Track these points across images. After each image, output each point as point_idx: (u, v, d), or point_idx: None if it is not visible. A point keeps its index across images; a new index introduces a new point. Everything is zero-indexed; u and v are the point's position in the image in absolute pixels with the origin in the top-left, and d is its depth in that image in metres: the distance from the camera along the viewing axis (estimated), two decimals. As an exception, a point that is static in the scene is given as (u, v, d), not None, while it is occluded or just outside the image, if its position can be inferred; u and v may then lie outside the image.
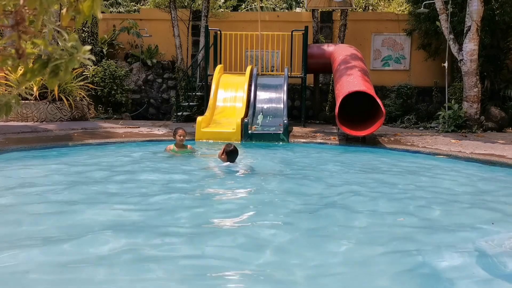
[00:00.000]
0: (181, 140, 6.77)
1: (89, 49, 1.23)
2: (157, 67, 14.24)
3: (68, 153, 6.97)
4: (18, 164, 5.96)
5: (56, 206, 4.00)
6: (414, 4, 13.05)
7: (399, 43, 14.20)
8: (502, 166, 6.46)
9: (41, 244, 3.06)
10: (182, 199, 4.36)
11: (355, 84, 8.74)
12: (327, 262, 2.94)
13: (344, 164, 6.61)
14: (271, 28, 13.08)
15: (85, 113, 11.43)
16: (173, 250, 3.05)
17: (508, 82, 12.33)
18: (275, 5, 19.28)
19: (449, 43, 10.77)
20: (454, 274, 2.75)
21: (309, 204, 4.31)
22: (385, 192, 4.81)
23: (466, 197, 4.73)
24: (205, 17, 13.18)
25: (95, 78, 12.65)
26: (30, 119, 10.33)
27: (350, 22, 13.53)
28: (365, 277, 2.73)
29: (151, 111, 14.14)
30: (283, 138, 8.59)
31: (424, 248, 3.14)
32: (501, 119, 11.11)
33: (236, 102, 9.95)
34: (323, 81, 13.96)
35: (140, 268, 2.73)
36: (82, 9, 1.18)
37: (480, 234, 3.44)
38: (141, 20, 14.37)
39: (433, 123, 11.59)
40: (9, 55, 1.17)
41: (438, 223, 3.75)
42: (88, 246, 3.02)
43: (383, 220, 3.83)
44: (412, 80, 13.62)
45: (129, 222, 3.61)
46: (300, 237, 3.38)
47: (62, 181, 5.04)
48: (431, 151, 7.55)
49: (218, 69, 10.60)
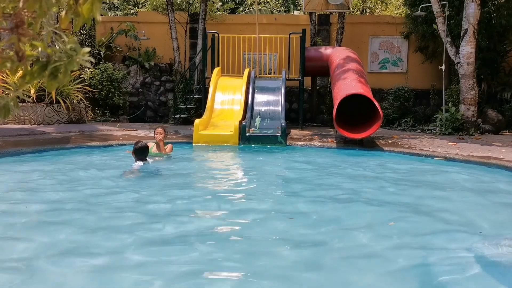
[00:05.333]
0: (159, 139, 6.60)
1: (88, 51, 1.23)
2: (155, 70, 14.23)
3: (65, 155, 6.95)
4: (15, 166, 5.94)
5: (53, 208, 3.99)
6: (411, 7, 13.10)
7: (396, 46, 14.24)
8: (499, 168, 6.48)
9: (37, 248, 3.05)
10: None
11: (352, 87, 8.76)
12: (319, 264, 2.93)
13: (341, 167, 6.62)
14: (268, 31, 13.11)
15: (83, 115, 11.41)
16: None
17: (505, 85, 12.38)
18: (273, 8, 19.33)
19: (446, 46, 10.81)
20: (449, 277, 2.75)
21: (306, 205, 4.31)
22: (380, 195, 4.81)
23: (463, 199, 4.73)
24: (202, 19, 13.20)
25: (92, 80, 12.63)
26: (27, 121, 10.31)
27: (347, 25, 13.58)
28: (357, 281, 2.73)
29: (149, 114, 14.13)
30: (281, 141, 8.59)
31: (418, 251, 3.14)
32: (498, 122, 11.14)
33: (234, 104, 9.94)
34: (321, 83, 13.98)
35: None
36: (82, 12, 1.18)
37: (476, 236, 3.44)
38: (138, 22, 14.38)
39: (430, 126, 11.61)
40: (8, 58, 1.17)
41: (433, 226, 3.75)
42: (78, 251, 3.01)
43: (374, 222, 3.81)
44: (410, 83, 13.65)
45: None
46: (291, 238, 3.38)
47: (56, 183, 5.03)
48: (428, 154, 7.56)
49: (215, 71, 10.61)
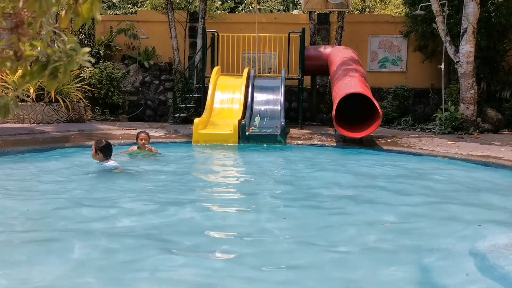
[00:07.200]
0: (143, 144, 6.64)
1: (88, 51, 1.23)
2: (154, 69, 14.22)
3: (65, 155, 6.94)
4: (14, 165, 5.94)
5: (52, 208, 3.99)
6: (410, 6, 13.09)
7: (395, 45, 14.24)
8: (499, 167, 6.49)
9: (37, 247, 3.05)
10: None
11: (352, 86, 8.76)
12: (316, 264, 2.94)
13: (341, 166, 6.62)
14: (268, 30, 13.10)
15: (82, 115, 11.40)
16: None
17: (505, 84, 12.38)
18: (272, 7, 19.32)
19: (446, 45, 10.81)
20: (447, 275, 2.75)
21: (304, 205, 4.31)
22: (379, 194, 4.81)
23: (462, 198, 4.73)
24: (202, 19, 13.18)
25: (92, 80, 12.62)
26: (26, 121, 10.30)
27: (347, 24, 13.56)
28: (355, 280, 2.73)
29: (148, 113, 14.13)
30: (280, 140, 8.59)
31: (415, 250, 3.14)
32: (497, 121, 11.15)
33: (233, 104, 9.94)
34: (320, 83, 13.97)
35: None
36: (81, 11, 1.18)
37: (475, 234, 3.45)
38: (138, 22, 14.36)
39: (429, 125, 11.61)
40: (8, 57, 1.17)
41: (431, 224, 3.76)
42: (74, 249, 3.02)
43: (371, 222, 3.81)
44: (409, 82, 13.65)
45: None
46: (291, 238, 3.38)
47: (54, 184, 5.03)
48: (428, 153, 7.56)
49: (215, 71, 10.60)
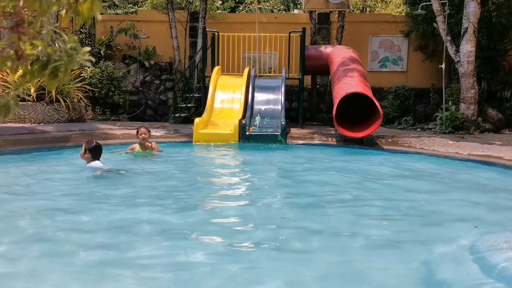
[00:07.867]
0: (144, 139, 6.45)
1: (88, 50, 1.23)
2: (155, 69, 14.22)
3: (65, 154, 6.94)
4: (14, 165, 5.94)
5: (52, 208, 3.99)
6: (411, 6, 13.07)
7: (396, 44, 14.23)
8: (499, 167, 6.48)
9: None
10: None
11: (352, 85, 8.76)
12: (316, 264, 2.93)
13: (341, 166, 6.61)
14: (268, 29, 13.09)
15: (83, 114, 11.40)
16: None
17: (505, 84, 12.37)
18: (272, 6, 19.31)
19: (446, 44, 10.80)
20: (447, 275, 2.75)
21: (304, 204, 4.31)
22: (379, 193, 4.82)
23: (462, 198, 4.73)
24: (202, 18, 13.18)
25: (92, 79, 12.62)
26: (27, 120, 10.30)
27: (347, 24, 13.55)
28: (353, 281, 2.73)
29: (149, 113, 14.12)
30: (281, 140, 8.58)
31: (415, 249, 3.14)
32: (498, 121, 11.14)
33: (233, 103, 9.94)
34: (321, 82, 13.97)
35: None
36: (82, 11, 1.18)
37: (475, 236, 3.44)
38: (138, 21, 14.35)
39: (430, 125, 11.60)
40: (8, 57, 1.17)
41: (432, 224, 3.76)
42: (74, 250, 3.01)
43: (371, 221, 3.82)
44: (410, 82, 13.63)
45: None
46: (290, 235, 3.39)
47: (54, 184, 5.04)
48: (428, 152, 7.56)
49: (215, 70, 10.60)
